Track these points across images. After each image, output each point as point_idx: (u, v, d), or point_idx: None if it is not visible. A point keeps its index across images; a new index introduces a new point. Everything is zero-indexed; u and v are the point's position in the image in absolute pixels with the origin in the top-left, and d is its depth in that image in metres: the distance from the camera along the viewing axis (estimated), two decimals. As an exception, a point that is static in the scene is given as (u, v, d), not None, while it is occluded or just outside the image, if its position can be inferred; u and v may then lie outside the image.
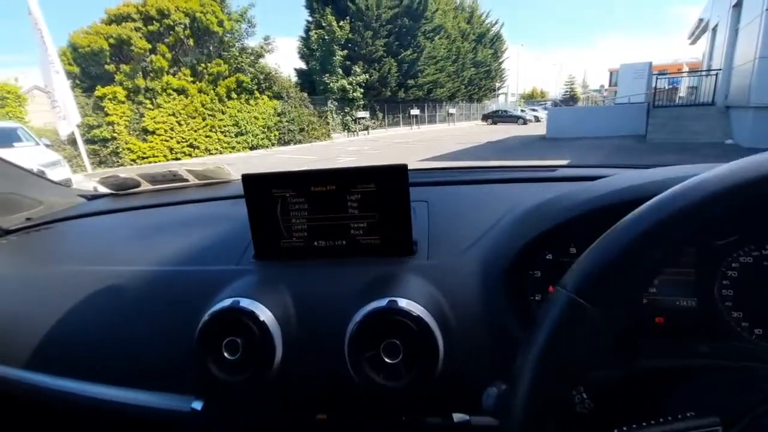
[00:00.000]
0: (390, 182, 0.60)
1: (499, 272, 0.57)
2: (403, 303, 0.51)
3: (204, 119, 14.73)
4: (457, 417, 0.54)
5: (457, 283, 0.58)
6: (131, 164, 12.79)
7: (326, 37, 18.24)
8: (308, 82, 19.58)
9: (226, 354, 0.54)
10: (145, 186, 1.20)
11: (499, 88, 34.75)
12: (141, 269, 0.70)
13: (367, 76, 19.64)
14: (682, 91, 14.17)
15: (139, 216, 0.94)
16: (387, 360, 0.50)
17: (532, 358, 0.33)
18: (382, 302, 0.52)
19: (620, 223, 0.33)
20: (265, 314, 0.55)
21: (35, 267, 0.79)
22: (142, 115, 13.52)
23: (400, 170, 0.59)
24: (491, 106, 33.29)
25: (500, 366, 0.53)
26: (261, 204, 0.63)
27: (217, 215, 0.87)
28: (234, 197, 0.98)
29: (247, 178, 0.62)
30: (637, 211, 0.33)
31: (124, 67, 13.36)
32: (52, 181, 1.09)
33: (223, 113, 15.21)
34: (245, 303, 0.55)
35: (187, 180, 1.20)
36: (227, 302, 0.55)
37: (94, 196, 1.15)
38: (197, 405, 0.60)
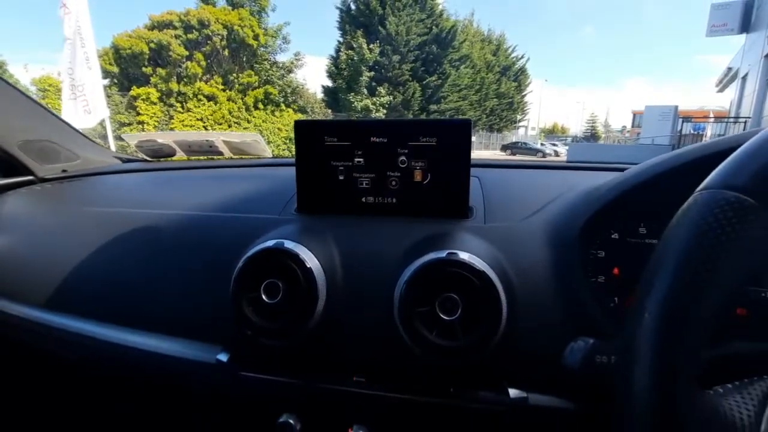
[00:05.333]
0: (453, 138, 0.56)
1: (568, 241, 0.52)
2: (465, 256, 0.46)
3: (230, 126, 15.18)
4: (514, 393, 0.48)
5: (520, 248, 0.53)
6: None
7: (355, 58, 18.79)
8: (333, 99, 20.09)
9: (264, 297, 0.49)
10: (180, 155, 1.19)
11: (520, 121, 35.01)
12: (176, 213, 0.67)
13: (391, 98, 20.04)
14: (708, 137, 14.01)
15: (176, 172, 0.93)
16: (442, 316, 0.45)
17: (670, 274, 0.26)
18: (441, 253, 0.47)
19: None
20: (311, 260, 0.51)
21: (68, 209, 0.77)
22: (171, 117, 14.02)
23: (465, 125, 0.56)
24: (511, 137, 33.42)
25: (568, 340, 0.47)
26: (310, 153, 0.59)
27: (257, 174, 0.85)
28: (272, 165, 0.96)
29: (300, 124, 0.60)
30: None
31: (160, 70, 13.98)
32: (90, 139, 1.09)
33: (248, 122, 15.67)
34: (290, 245, 0.51)
35: (221, 153, 1.20)
36: (271, 242, 0.51)
37: (129, 159, 1.14)
38: (223, 357, 0.55)
